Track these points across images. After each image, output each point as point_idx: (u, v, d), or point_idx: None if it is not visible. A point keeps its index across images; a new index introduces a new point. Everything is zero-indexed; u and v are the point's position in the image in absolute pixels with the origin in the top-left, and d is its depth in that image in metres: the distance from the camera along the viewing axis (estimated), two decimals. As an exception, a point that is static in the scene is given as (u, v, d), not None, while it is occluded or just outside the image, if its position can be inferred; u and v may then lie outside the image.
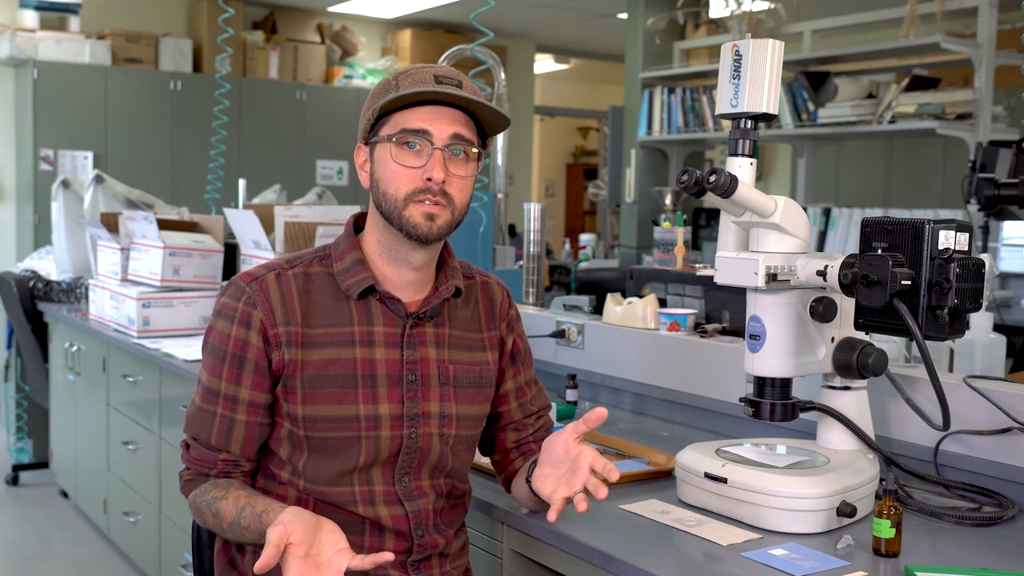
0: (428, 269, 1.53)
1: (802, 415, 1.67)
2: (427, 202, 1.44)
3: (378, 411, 1.47)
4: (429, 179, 1.43)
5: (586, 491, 1.44)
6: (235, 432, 1.47)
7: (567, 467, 1.46)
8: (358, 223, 1.56)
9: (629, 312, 2.48)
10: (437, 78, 1.44)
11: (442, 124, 1.44)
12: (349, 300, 1.49)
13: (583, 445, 1.46)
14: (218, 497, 1.44)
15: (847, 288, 1.51)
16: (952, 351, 2.13)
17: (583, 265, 4.93)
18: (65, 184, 4.57)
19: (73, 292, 4.44)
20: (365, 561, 1.28)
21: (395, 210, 1.45)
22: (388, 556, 1.30)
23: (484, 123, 1.50)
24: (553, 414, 1.95)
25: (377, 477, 1.49)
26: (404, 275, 1.51)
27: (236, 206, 4.85)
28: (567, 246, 6.17)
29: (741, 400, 1.68)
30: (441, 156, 1.44)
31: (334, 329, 1.48)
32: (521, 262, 3.11)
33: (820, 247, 4.93)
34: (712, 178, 1.50)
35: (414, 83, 1.44)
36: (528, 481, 1.53)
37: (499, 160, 3.39)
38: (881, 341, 1.99)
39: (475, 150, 1.48)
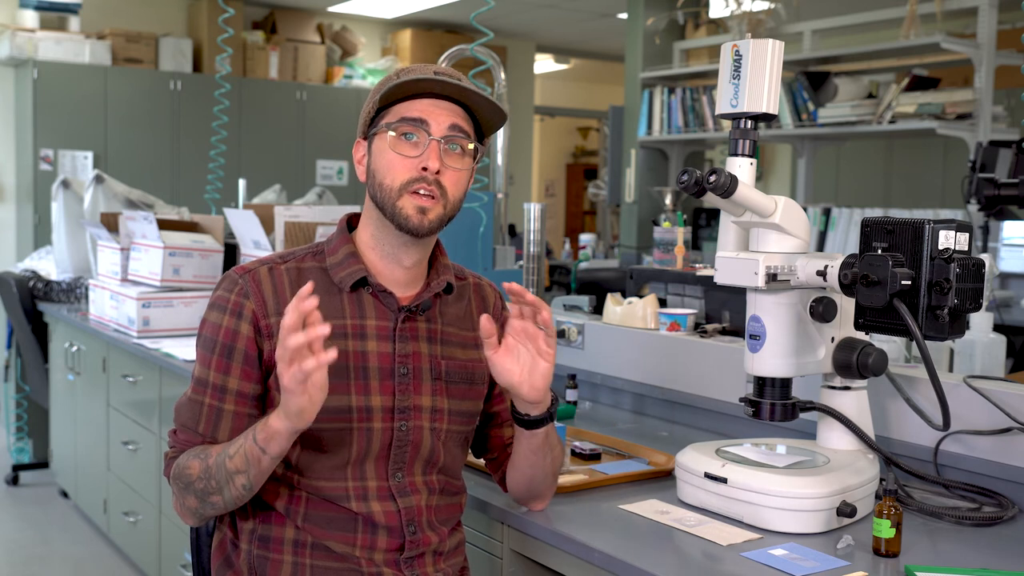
0: (420, 266, 1.55)
1: (802, 415, 1.67)
2: (421, 192, 1.46)
3: (370, 403, 1.48)
4: (424, 168, 1.46)
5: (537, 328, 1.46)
6: (222, 422, 1.48)
7: (521, 350, 1.48)
8: (351, 222, 1.58)
9: (629, 312, 2.48)
10: (438, 74, 1.48)
11: (441, 115, 1.47)
12: (341, 293, 1.51)
13: (512, 322, 1.48)
14: (205, 447, 1.46)
15: (847, 288, 1.51)
16: (952, 351, 2.13)
17: (583, 265, 4.93)
18: (65, 184, 4.57)
19: (73, 292, 4.44)
20: None
21: (389, 200, 1.47)
22: None
23: (482, 122, 1.53)
24: (553, 414, 1.94)
25: (370, 472, 1.50)
26: (396, 272, 1.53)
27: (236, 206, 4.85)
28: (567, 246, 6.17)
29: (741, 400, 1.68)
30: (437, 147, 1.47)
31: (326, 321, 1.48)
32: (521, 262, 3.11)
33: (820, 247, 4.93)
34: (712, 178, 1.50)
35: (415, 76, 1.48)
36: (514, 414, 1.54)
37: (499, 160, 3.38)
38: (881, 341, 1.99)
39: (471, 145, 1.50)
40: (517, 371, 1.48)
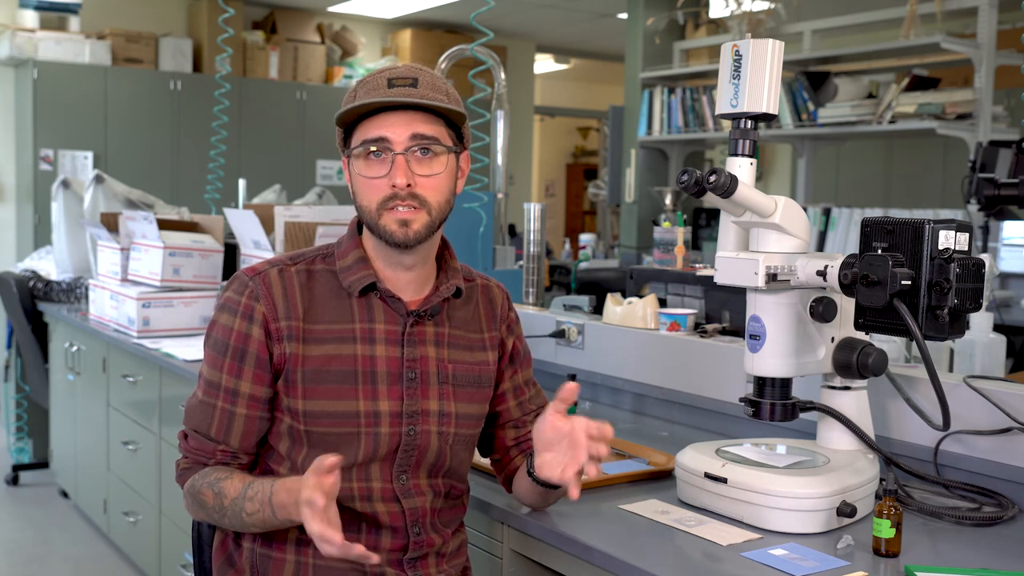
0: (424, 268, 1.54)
1: (802, 415, 1.67)
2: (399, 208, 1.45)
3: (378, 407, 1.48)
4: (395, 186, 1.44)
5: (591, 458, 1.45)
6: (235, 425, 1.49)
7: (565, 444, 1.48)
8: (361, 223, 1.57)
9: (629, 312, 2.48)
10: (390, 81, 1.45)
11: (399, 128, 1.44)
12: (351, 297, 1.51)
13: (571, 419, 1.47)
14: (221, 478, 1.46)
15: (847, 288, 1.51)
16: (952, 351, 2.13)
17: (583, 265, 4.93)
18: (65, 184, 4.57)
19: (73, 292, 4.44)
20: (353, 550, 1.30)
21: (372, 220, 1.47)
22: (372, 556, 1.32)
23: (450, 113, 1.48)
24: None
25: (375, 474, 1.50)
26: (401, 276, 1.52)
27: (236, 206, 4.85)
28: (567, 246, 6.17)
29: (741, 400, 1.68)
30: (403, 161, 1.44)
31: (335, 325, 1.49)
32: (521, 262, 3.11)
33: (820, 247, 4.93)
34: (712, 178, 1.50)
35: (369, 92, 1.45)
36: (531, 474, 1.54)
37: (499, 160, 3.38)
38: (881, 341, 1.99)
39: (441, 146, 1.47)
40: (558, 473, 1.48)
